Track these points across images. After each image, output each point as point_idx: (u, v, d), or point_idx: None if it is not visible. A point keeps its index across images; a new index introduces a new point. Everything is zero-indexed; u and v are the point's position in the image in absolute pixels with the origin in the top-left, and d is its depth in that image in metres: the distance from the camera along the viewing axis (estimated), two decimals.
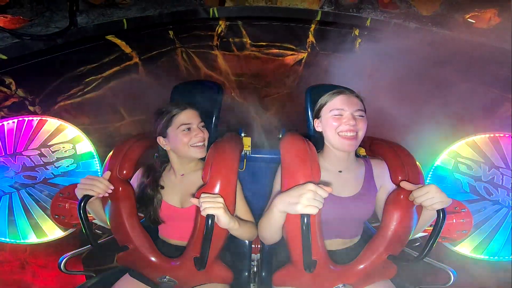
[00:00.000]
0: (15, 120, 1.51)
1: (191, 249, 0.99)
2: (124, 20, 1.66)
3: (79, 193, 0.95)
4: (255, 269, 1.30)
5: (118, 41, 1.78)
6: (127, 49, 1.84)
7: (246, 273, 1.23)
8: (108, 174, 1.02)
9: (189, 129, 1.08)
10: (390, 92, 1.91)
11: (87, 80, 1.83)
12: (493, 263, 1.53)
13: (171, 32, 1.89)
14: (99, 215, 1.10)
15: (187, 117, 1.09)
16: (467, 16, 1.53)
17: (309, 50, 1.97)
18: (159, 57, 1.97)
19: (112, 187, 0.99)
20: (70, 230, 1.56)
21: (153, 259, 1.02)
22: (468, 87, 1.75)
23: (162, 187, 1.13)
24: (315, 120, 1.09)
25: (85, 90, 1.84)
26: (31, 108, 1.71)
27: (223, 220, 0.88)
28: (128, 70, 1.92)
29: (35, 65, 1.61)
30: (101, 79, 1.86)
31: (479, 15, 1.49)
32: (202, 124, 1.13)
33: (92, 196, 0.94)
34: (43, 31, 1.51)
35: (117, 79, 1.91)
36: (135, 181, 1.16)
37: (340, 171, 1.05)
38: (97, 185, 0.95)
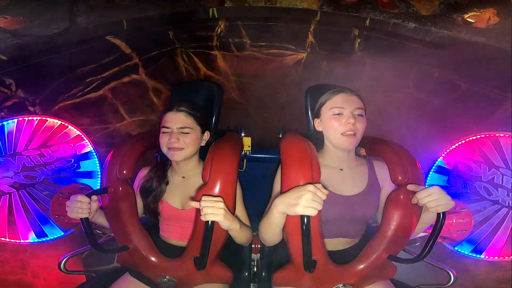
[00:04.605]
0: (15, 120, 1.51)
1: (191, 249, 0.99)
2: (124, 21, 1.66)
3: (71, 215, 0.95)
4: (255, 269, 1.30)
5: (118, 42, 1.77)
6: (127, 50, 1.84)
7: (246, 273, 1.23)
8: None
9: (165, 132, 1.06)
10: (390, 91, 1.91)
11: (87, 80, 1.82)
12: (493, 263, 1.53)
13: (170, 33, 1.89)
14: (105, 224, 1.10)
15: (166, 119, 1.07)
16: (466, 16, 1.52)
17: (308, 50, 1.96)
18: (159, 57, 1.96)
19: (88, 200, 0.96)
20: (70, 230, 1.56)
21: (153, 259, 1.02)
22: (468, 87, 1.75)
23: (167, 182, 1.13)
24: (315, 119, 1.09)
25: (85, 90, 1.84)
26: (31, 108, 1.71)
27: (224, 225, 0.88)
28: (128, 70, 1.92)
29: (35, 66, 1.61)
30: (101, 80, 1.86)
31: (478, 15, 1.49)
32: (184, 130, 1.05)
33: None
34: (43, 32, 1.51)
35: (117, 79, 1.91)
36: (137, 181, 1.17)
37: (341, 169, 1.06)
38: (83, 207, 0.94)
